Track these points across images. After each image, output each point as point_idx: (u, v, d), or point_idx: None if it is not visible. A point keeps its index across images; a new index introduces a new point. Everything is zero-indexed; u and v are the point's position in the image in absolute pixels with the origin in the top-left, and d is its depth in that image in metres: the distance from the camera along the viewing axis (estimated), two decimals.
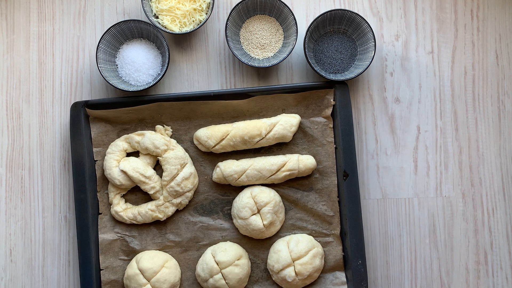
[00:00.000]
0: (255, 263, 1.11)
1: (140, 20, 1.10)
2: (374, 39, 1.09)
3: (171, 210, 1.11)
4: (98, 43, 1.10)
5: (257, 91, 1.11)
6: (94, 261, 1.11)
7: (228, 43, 1.10)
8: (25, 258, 1.15)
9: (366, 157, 1.14)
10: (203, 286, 1.09)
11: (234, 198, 1.12)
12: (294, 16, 1.09)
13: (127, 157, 1.12)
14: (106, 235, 1.12)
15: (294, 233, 1.11)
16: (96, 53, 1.10)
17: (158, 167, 1.13)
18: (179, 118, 1.13)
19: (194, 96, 1.12)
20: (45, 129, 1.16)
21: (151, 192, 1.10)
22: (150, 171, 1.10)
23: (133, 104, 1.11)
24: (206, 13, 1.12)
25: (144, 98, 1.12)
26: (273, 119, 1.10)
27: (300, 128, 1.12)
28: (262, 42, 1.14)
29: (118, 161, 1.11)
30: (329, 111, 1.11)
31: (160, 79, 1.10)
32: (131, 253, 1.12)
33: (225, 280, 1.07)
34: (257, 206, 1.08)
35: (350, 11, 1.09)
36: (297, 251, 1.07)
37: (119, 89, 1.09)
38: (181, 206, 1.11)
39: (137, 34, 1.14)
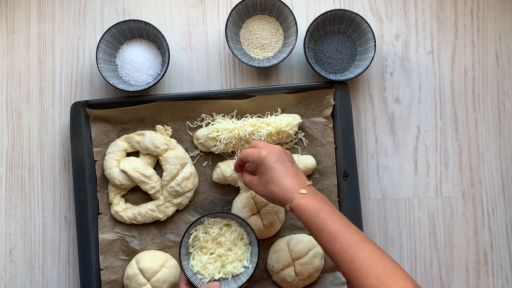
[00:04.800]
0: None
1: (140, 20, 1.10)
2: (374, 39, 1.09)
3: (171, 210, 1.11)
4: (98, 43, 1.10)
5: (257, 91, 1.11)
6: (94, 261, 1.11)
7: (228, 43, 1.10)
8: (25, 258, 1.15)
9: (366, 157, 1.15)
10: None
11: (234, 198, 1.12)
12: (294, 16, 1.09)
13: (127, 157, 1.12)
14: (106, 235, 1.12)
15: (294, 233, 1.11)
16: (96, 53, 1.10)
17: (158, 167, 1.13)
18: (179, 118, 1.13)
19: (194, 96, 1.12)
20: (45, 129, 1.16)
21: (151, 192, 1.11)
22: (150, 171, 1.10)
23: (133, 104, 1.11)
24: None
25: (144, 98, 1.12)
26: (273, 119, 1.10)
27: (300, 128, 1.12)
28: (262, 42, 1.14)
29: (118, 161, 1.11)
30: (329, 111, 1.11)
31: (160, 79, 1.10)
32: (131, 253, 1.12)
33: None
34: (257, 206, 1.08)
35: (350, 11, 1.09)
36: (297, 251, 1.07)
37: (119, 89, 1.09)
38: (181, 206, 1.11)
39: (137, 34, 1.14)
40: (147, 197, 1.13)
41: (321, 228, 0.86)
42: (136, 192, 1.13)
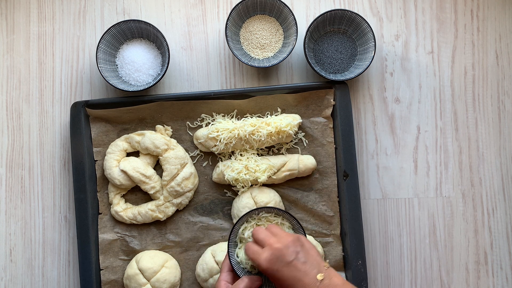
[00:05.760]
0: None
1: (140, 20, 1.10)
2: (374, 39, 1.09)
3: (171, 210, 1.11)
4: (98, 43, 1.10)
5: (257, 91, 1.11)
6: (94, 261, 1.11)
7: (228, 43, 1.10)
8: (25, 258, 1.15)
9: (366, 157, 1.15)
10: (203, 286, 1.09)
11: (234, 198, 1.12)
12: (294, 16, 1.09)
13: (127, 157, 1.12)
14: (106, 235, 1.12)
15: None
16: (96, 53, 1.10)
17: (158, 167, 1.13)
18: (179, 118, 1.13)
19: (194, 96, 1.12)
20: (45, 129, 1.16)
21: (151, 192, 1.11)
22: (150, 171, 1.10)
23: (133, 104, 1.11)
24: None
25: (144, 98, 1.12)
26: (273, 119, 1.10)
27: (300, 128, 1.12)
28: (262, 42, 1.14)
29: (118, 161, 1.11)
30: (329, 111, 1.11)
31: (160, 79, 1.10)
32: (131, 253, 1.12)
33: None
34: (257, 206, 1.08)
35: (350, 11, 1.09)
36: None
37: (119, 89, 1.09)
38: (181, 206, 1.11)
39: (137, 34, 1.14)
40: (147, 197, 1.13)
41: None
42: (136, 192, 1.13)
